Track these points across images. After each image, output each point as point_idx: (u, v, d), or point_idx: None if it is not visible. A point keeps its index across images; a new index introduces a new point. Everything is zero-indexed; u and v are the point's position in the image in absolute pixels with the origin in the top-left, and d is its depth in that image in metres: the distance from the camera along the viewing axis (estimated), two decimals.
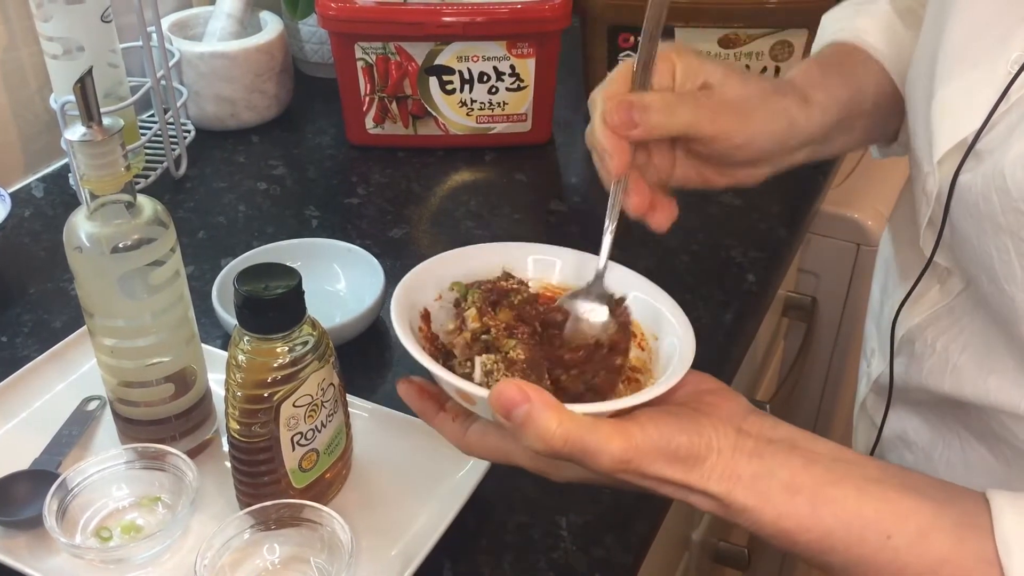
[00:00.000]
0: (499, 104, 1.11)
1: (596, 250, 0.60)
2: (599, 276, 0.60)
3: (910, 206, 0.66)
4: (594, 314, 0.60)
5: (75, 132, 0.60)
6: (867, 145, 0.77)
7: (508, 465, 0.56)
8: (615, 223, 0.60)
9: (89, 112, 0.60)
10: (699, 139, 0.61)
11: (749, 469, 0.50)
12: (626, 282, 0.62)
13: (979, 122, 0.56)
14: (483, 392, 0.50)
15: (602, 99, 0.59)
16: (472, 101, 1.11)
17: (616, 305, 0.60)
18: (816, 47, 0.76)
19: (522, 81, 1.10)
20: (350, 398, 0.72)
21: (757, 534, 0.51)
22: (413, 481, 0.70)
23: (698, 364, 0.52)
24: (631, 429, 0.49)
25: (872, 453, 0.77)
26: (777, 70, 1.13)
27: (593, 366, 0.57)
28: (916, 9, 0.73)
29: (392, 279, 0.94)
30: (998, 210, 0.54)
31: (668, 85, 0.61)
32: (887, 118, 0.72)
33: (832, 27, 0.75)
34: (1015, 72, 0.54)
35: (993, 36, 0.57)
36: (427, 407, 0.58)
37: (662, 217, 0.61)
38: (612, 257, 0.60)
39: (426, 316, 0.60)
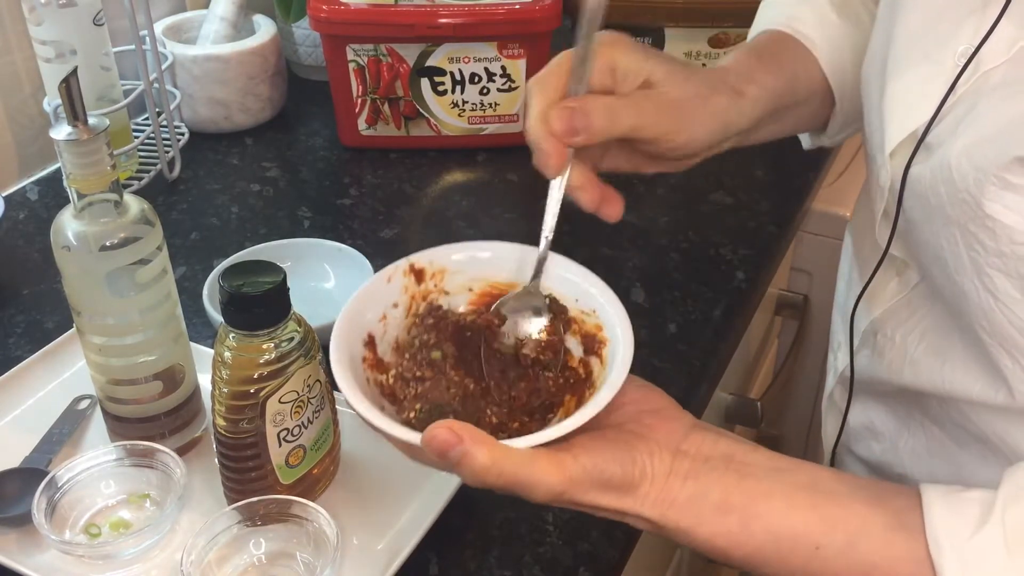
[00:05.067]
0: (490, 105, 1.12)
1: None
2: (536, 276, 0.60)
3: (869, 199, 0.67)
4: (530, 326, 0.60)
5: (61, 131, 0.61)
6: (796, 133, 0.78)
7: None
8: (555, 221, 0.59)
9: (74, 111, 0.60)
10: (639, 140, 0.60)
11: (684, 493, 0.51)
12: (573, 282, 0.61)
13: (929, 114, 0.57)
14: (416, 437, 0.50)
15: (537, 92, 0.57)
16: (464, 102, 1.12)
17: (554, 314, 0.60)
18: (753, 32, 0.76)
19: (513, 82, 1.10)
20: (339, 395, 0.72)
21: (693, 550, 0.53)
22: (400, 477, 0.70)
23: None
24: (565, 461, 0.50)
25: (837, 443, 0.78)
26: None
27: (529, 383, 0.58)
28: (852, 1, 0.73)
29: None
30: (946, 202, 0.55)
31: (608, 83, 0.59)
32: (817, 108, 0.73)
33: (769, 13, 0.75)
34: (962, 65, 0.55)
35: (942, 29, 0.57)
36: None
37: (612, 209, 0.60)
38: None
39: (371, 343, 0.60)
